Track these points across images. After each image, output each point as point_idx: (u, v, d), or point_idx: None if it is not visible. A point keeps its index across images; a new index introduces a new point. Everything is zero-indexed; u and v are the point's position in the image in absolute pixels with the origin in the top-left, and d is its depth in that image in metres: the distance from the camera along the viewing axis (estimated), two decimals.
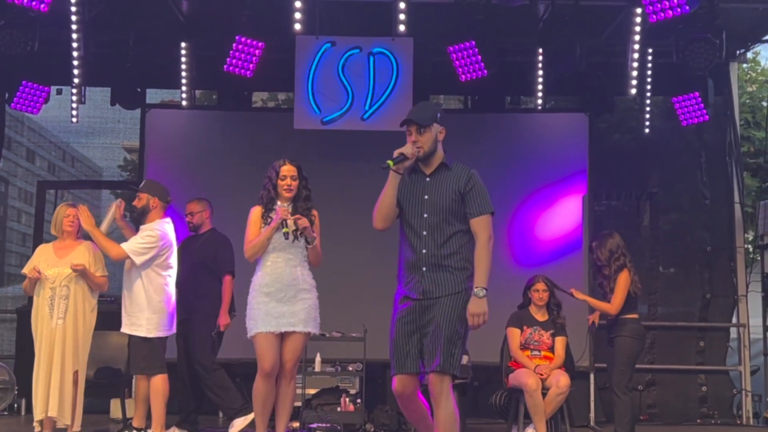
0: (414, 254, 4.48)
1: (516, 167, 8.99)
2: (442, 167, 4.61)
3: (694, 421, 9.08)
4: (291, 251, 5.74)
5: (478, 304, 4.48)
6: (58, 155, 34.19)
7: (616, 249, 6.79)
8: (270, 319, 5.66)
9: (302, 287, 5.74)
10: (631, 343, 6.67)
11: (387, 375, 8.97)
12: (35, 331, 6.20)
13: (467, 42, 8.32)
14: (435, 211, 4.50)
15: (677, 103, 9.22)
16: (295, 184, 5.79)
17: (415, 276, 4.47)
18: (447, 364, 4.36)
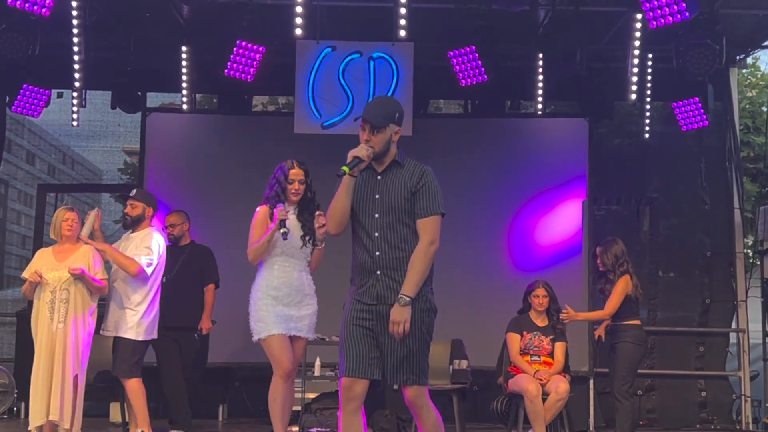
0: (367, 257, 4.26)
1: (516, 172, 9.00)
2: (394, 165, 4.36)
3: (693, 426, 9.08)
4: (298, 256, 5.73)
5: (400, 312, 4.15)
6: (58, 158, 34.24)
7: (621, 255, 6.81)
8: (280, 321, 5.64)
9: (307, 292, 5.77)
10: (634, 349, 6.68)
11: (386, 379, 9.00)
12: (35, 335, 6.19)
13: (467, 47, 8.33)
14: (386, 210, 4.27)
15: (677, 108, 9.23)
16: (302, 188, 5.77)
17: (368, 280, 4.25)
18: (422, 376, 4.22)
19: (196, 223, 9.02)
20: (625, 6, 7.98)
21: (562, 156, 9.01)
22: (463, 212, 8.96)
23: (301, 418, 7.61)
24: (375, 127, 4.26)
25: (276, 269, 5.71)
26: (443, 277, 8.65)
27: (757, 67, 14.60)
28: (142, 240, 6.61)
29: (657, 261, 9.66)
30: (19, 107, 9.32)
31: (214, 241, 8.96)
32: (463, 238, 8.90)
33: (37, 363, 6.12)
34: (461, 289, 8.81)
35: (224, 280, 8.89)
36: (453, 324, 8.44)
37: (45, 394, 6.05)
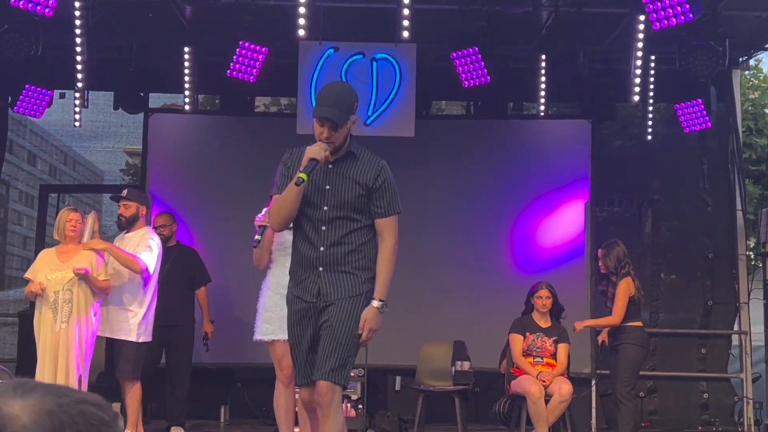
0: (312, 251, 4.02)
1: (518, 173, 8.99)
2: (349, 156, 4.08)
3: (695, 428, 9.06)
4: None
5: (377, 319, 3.98)
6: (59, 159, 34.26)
7: (622, 257, 6.81)
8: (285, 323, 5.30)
9: None
10: (636, 350, 6.67)
11: (389, 380, 9.01)
12: (38, 336, 6.19)
13: (470, 48, 8.32)
14: (337, 204, 4.02)
15: (680, 110, 9.22)
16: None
17: (309, 275, 4.03)
18: (339, 374, 3.93)
19: (198, 224, 9.05)
20: (628, 7, 7.97)
21: (565, 158, 9.00)
22: (465, 214, 8.97)
23: None
24: (337, 125, 3.99)
25: (279, 267, 5.53)
26: (445, 279, 8.80)
27: (759, 69, 14.59)
28: (141, 240, 6.62)
29: (659, 263, 9.64)
30: (21, 107, 9.32)
31: (216, 241, 8.99)
32: (465, 240, 8.90)
33: (42, 364, 6.12)
34: (463, 291, 8.81)
35: (225, 281, 8.91)
36: (455, 325, 8.49)
37: None
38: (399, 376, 8.91)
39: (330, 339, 3.94)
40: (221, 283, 8.89)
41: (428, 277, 8.81)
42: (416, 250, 8.83)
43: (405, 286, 8.62)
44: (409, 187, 8.93)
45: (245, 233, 8.88)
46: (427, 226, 8.89)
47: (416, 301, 8.68)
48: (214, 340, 8.71)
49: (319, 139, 4.00)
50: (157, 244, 6.67)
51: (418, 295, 8.75)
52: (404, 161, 8.92)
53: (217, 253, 8.94)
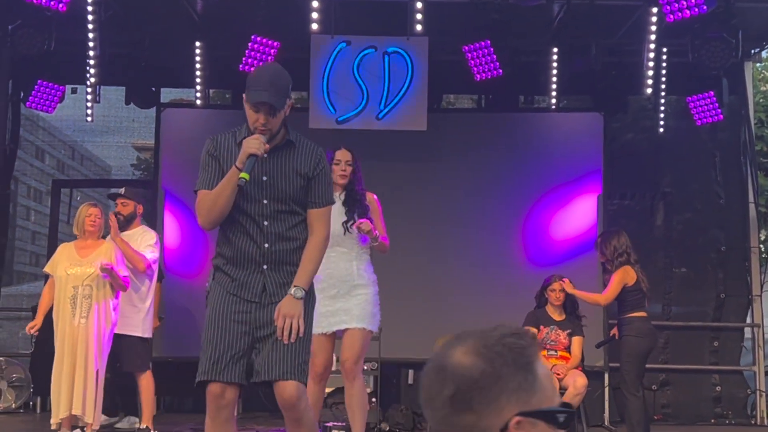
0: (254, 247, 3.70)
1: (530, 167, 8.98)
2: (287, 144, 3.78)
3: (708, 421, 9.05)
4: (345, 244, 5.34)
5: (294, 305, 3.66)
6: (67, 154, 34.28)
7: (620, 246, 6.73)
8: (322, 318, 5.14)
9: (357, 282, 5.34)
10: (636, 342, 6.59)
11: (402, 374, 9.02)
12: (57, 330, 6.22)
13: (482, 41, 8.32)
14: (276, 196, 3.72)
15: (692, 102, 9.20)
16: (349, 170, 5.45)
17: (251, 274, 3.72)
18: (303, 373, 3.69)
19: None
20: (640, 0, 7.96)
21: (577, 151, 8.99)
22: (477, 207, 8.97)
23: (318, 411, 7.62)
24: (275, 109, 3.67)
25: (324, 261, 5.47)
26: (458, 272, 8.80)
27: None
28: (142, 238, 6.65)
29: (671, 256, 9.63)
30: (33, 103, 9.35)
31: None
32: (478, 234, 8.90)
33: (60, 358, 6.15)
34: (476, 284, 8.81)
35: None
36: (467, 319, 8.46)
37: (68, 388, 6.08)
38: (412, 370, 8.92)
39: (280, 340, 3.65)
40: None
41: (441, 271, 8.81)
42: (428, 244, 8.85)
43: (418, 280, 8.67)
44: (421, 180, 8.96)
45: None
46: (439, 220, 8.90)
47: (429, 295, 8.69)
48: None
49: (255, 127, 3.67)
50: (156, 241, 6.76)
51: (431, 289, 8.76)
52: (416, 155, 8.95)
53: None
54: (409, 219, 8.35)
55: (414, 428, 7.84)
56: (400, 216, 7.59)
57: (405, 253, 7.91)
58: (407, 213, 8.38)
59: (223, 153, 3.76)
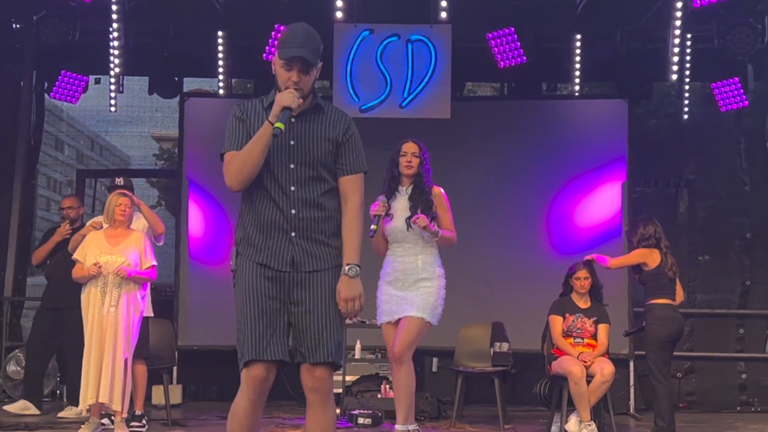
0: (280, 214, 3.53)
1: (554, 154, 8.94)
2: (316, 108, 3.64)
3: (733, 408, 9.02)
4: (410, 240, 5.52)
5: (352, 286, 3.51)
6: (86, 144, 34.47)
7: (647, 234, 6.71)
8: (387, 307, 5.55)
9: (422, 276, 5.51)
10: (657, 329, 6.55)
11: (426, 362, 9.02)
12: (86, 318, 6.25)
13: (506, 29, 8.29)
14: (305, 162, 3.56)
15: (716, 88, 9.15)
16: (416, 161, 5.54)
17: (279, 242, 3.52)
18: (339, 356, 3.54)
19: (234, 208, 9.06)
20: None
21: (601, 138, 8.94)
22: (502, 195, 8.96)
23: (342, 400, 7.65)
24: (309, 66, 3.56)
25: (390, 256, 5.62)
26: (483, 261, 8.77)
27: None
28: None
29: (695, 243, 9.58)
30: (57, 93, 9.40)
31: None
32: (502, 222, 8.89)
33: (89, 346, 6.18)
34: (500, 273, 8.81)
35: None
36: (493, 307, 8.49)
37: (96, 376, 6.12)
38: (436, 358, 8.93)
39: (316, 317, 3.50)
40: None
41: (465, 259, 8.76)
42: None
43: None
44: (445, 168, 8.88)
45: None
46: (463, 209, 8.80)
47: (454, 283, 8.53)
48: None
49: (287, 85, 3.54)
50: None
51: (456, 277, 8.62)
52: (440, 143, 8.87)
53: None
54: None
55: (439, 416, 7.85)
56: None
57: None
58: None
59: (250, 117, 3.65)
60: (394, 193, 5.61)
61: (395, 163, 5.64)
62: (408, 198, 5.51)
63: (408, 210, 5.46)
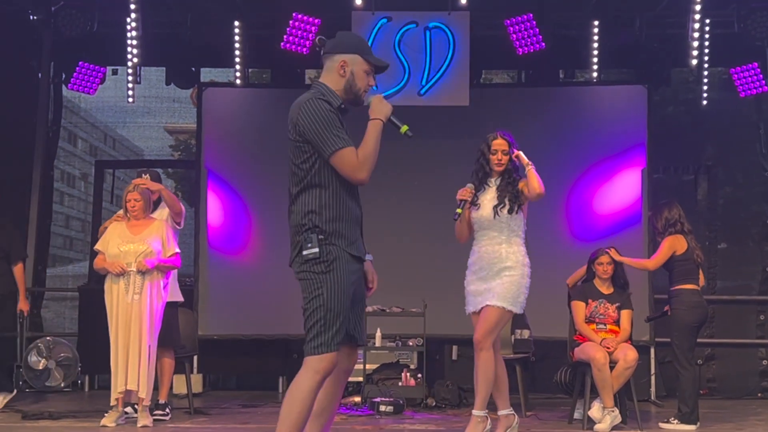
0: (358, 209, 3.85)
1: (573, 141, 8.90)
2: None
3: (754, 395, 8.99)
4: (496, 228, 5.61)
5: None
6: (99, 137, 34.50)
7: (671, 218, 6.70)
8: (472, 298, 5.67)
9: (506, 264, 5.56)
10: (684, 314, 6.55)
11: (445, 350, 9.02)
12: (110, 307, 6.26)
13: (524, 15, 8.26)
14: None
15: (735, 74, 9.10)
16: (505, 159, 5.70)
17: (356, 234, 3.83)
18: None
19: (253, 197, 9.09)
20: None
21: (620, 124, 8.89)
22: None
23: (363, 388, 7.66)
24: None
25: (474, 245, 5.73)
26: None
27: None
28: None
29: (715, 230, 9.55)
30: (75, 84, 9.42)
31: (271, 214, 9.02)
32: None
33: (114, 335, 6.20)
34: None
35: (281, 253, 8.93)
36: None
37: (123, 364, 6.14)
38: (456, 346, 8.92)
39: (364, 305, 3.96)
40: (277, 254, 8.93)
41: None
42: None
43: (462, 257, 8.62)
44: (465, 156, 8.84)
45: None
46: None
47: None
48: (271, 312, 8.78)
49: (365, 89, 3.96)
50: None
51: None
52: (458, 131, 8.90)
53: (273, 226, 8.98)
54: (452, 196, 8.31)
55: (460, 403, 7.85)
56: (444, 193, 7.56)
57: (449, 230, 7.87)
58: (451, 190, 8.33)
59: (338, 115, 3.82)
60: (483, 186, 5.72)
61: (486, 159, 5.74)
62: (496, 188, 5.68)
63: (495, 200, 5.62)
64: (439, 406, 7.71)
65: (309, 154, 3.69)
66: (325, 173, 3.69)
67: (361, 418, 7.09)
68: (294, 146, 3.73)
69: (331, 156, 3.66)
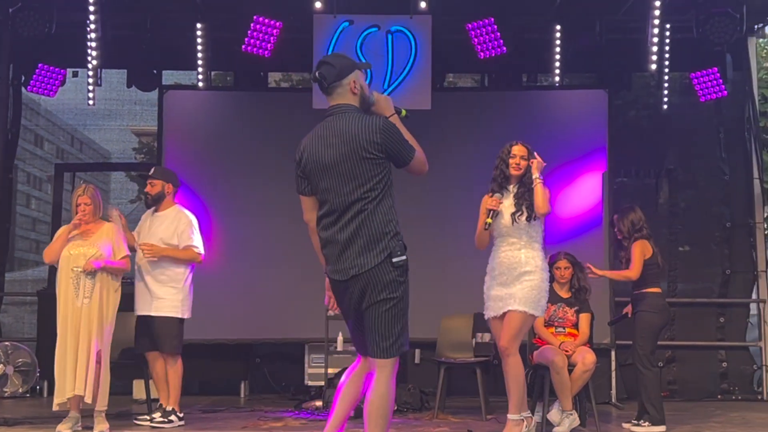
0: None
1: (535, 145, 8.72)
2: None
3: (714, 397, 9.07)
4: (515, 235, 5.75)
5: None
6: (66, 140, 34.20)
7: (637, 221, 6.78)
8: (493, 303, 5.77)
9: (525, 269, 5.69)
10: (650, 317, 6.63)
11: (409, 354, 9.01)
12: (60, 311, 6.18)
13: (486, 19, 8.28)
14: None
15: (695, 78, 9.18)
16: (523, 164, 5.84)
17: None
18: None
19: (214, 200, 9.04)
20: None
21: (582, 128, 8.95)
22: (483, 186, 8.87)
23: (325, 392, 7.63)
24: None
25: (494, 251, 5.84)
26: (464, 251, 8.74)
27: None
28: (176, 221, 6.66)
29: (676, 232, 9.62)
30: (35, 87, 9.32)
31: (233, 217, 8.99)
32: None
33: (63, 339, 6.12)
34: (481, 264, 8.72)
35: (243, 257, 8.92)
36: (473, 299, 8.40)
37: (72, 369, 6.07)
38: (418, 349, 8.92)
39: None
40: (239, 258, 8.90)
41: (446, 250, 8.80)
42: (435, 222, 8.83)
43: (423, 260, 8.59)
44: (428, 159, 8.90)
45: (260, 207, 8.90)
46: (444, 199, 8.88)
47: (435, 274, 8.66)
48: (234, 317, 8.73)
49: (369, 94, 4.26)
50: (194, 222, 6.79)
51: (437, 268, 8.74)
52: (420, 134, 8.81)
53: (235, 230, 8.95)
54: (413, 198, 8.32)
55: (422, 407, 7.85)
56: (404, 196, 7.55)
57: (409, 232, 7.84)
58: (411, 193, 8.34)
59: None
60: (502, 191, 5.84)
61: (506, 163, 5.86)
62: (514, 196, 5.80)
63: (513, 207, 5.76)
64: (400, 410, 7.70)
65: (384, 167, 3.99)
66: (391, 184, 4.05)
67: (322, 423, 7.04)
68: (371, 163, 3.95)
69: (411, 161, 4.07)
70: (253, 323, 8.84)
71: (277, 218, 8.61)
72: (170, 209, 6.80)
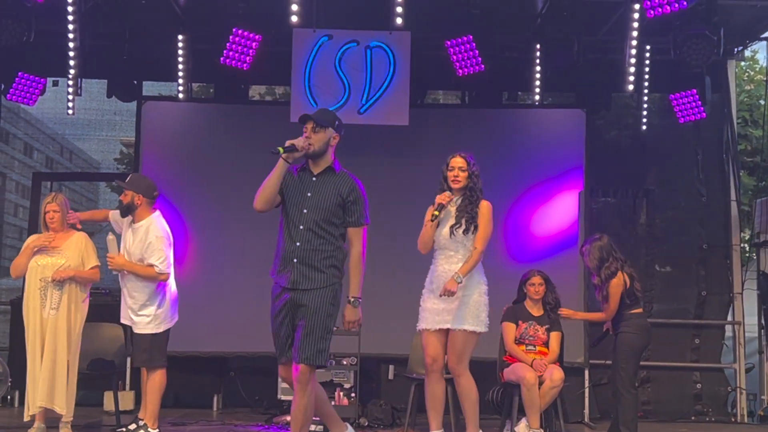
0: (290, 245, 4.79)
1: (512, 163, 8.95)
2: (329, 170, 4.92)
3: (688, 418, 9.07)
4: (452, 248, 5.73)
5: (354, 312, 4.91)
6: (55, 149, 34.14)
7: (606, 256, 6.65)
8: (430, 315, 5.72)
9: (463, 284, 5.65)
10: (633, 338, 6.60)
11: (381, 369, 9.00)
12: (27, 321, 6.15)
13: (465, 36, 8.31)
14: (315, 208, 4.80)
15: (675, 100, 9.21)
16: (462, 175, 5.79)
17: (287, 266, 4.78)
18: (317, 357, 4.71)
19: (191, 212, 9.02)
20: None
21: (559, 147, 8.97)
22: None
23: None
24: (317, 125, 4.85)
25: (433, 263, 5.83)
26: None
27: (755, 61, 14.56)
28: (145, 235, 6.39)
29: (653, 253, 9.62)
30: (14, 95, 9.29)
31: (210, 229, 8.96)
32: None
33: (32, 350, 6.08)
34: None
35: (219, 269, 8.89)
36: None
37: (39, 381, 6.02)
38: (392, 365, 8.90)
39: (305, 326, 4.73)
40: (215, 271, 8.88)
41: (420, 267, 8.74)
42: (409, 239, 8.76)
43: (397, 276, 8.62)
44: (403, 176, 8.93)
45: (239, 219, 8.87)
46: (420, 216, 8.84)
47: (408, 291, 8.54)
48: (207, 328, 8.70)
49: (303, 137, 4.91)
50: (166, 237, 6.48)
51: (411, 285, 8.57)
52: (398, 150, 8.93)
53: (211, 242, 8.94)
54: (389, 214, 8.32)
55: (393, 423, 7.82)
56: (380, 211, 7.56)
57: (384, 248, 7.87)
58: (388, 208, 8.35)
59: None
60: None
61: (444, 176, 5.85)
62: (455, 208, 5.76)
63: (454, 219, 5.72)
64: (371, 425, 7.69)
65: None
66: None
67: None
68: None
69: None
70: (227, 336, 8.80)
71: (253, 231, 8.56)
72: (144, 221, 6.57)
